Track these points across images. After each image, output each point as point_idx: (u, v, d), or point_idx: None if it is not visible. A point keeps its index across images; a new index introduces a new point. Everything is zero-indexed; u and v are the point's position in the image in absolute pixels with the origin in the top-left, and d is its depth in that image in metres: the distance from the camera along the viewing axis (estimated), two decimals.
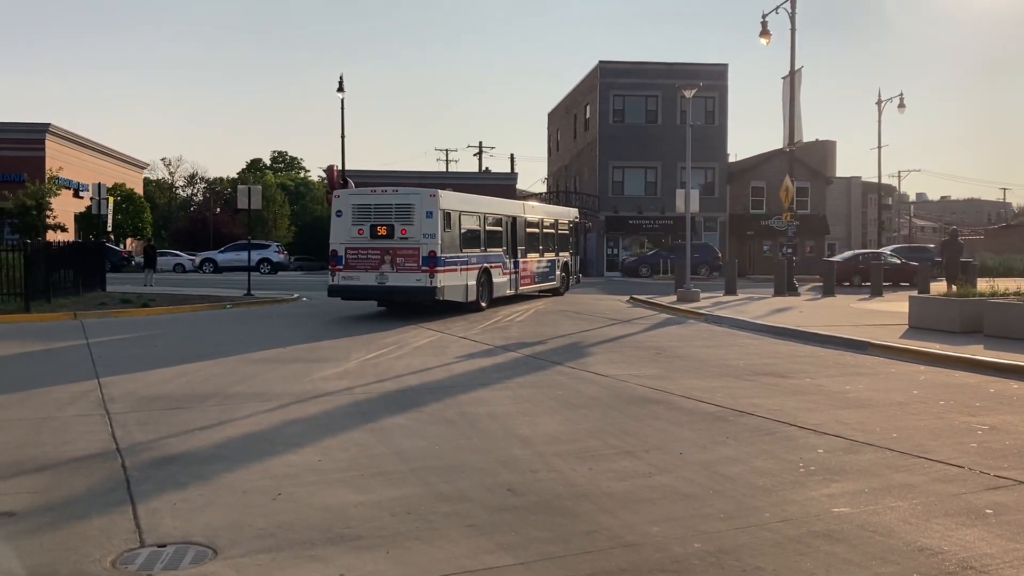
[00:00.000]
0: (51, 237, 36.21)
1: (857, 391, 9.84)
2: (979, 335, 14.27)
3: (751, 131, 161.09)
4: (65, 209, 43.41)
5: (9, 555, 4.60)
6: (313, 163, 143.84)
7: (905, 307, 17.22)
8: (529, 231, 24.08)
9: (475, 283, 20.06)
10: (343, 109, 37.27)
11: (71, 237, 39.95)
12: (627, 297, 25.92)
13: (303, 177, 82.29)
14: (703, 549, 4.69)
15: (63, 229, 40.22)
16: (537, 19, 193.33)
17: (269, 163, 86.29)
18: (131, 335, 15.61)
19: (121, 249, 46.35)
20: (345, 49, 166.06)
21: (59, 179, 43.62)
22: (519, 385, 10.22)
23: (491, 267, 21.06)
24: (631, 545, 4.76)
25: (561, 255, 26.87)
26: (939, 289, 22.62)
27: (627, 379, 10.60)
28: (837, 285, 29.82)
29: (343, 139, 37.66)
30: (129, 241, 51.74)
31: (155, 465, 6.49)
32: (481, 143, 77.94)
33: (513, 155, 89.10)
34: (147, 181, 70.39)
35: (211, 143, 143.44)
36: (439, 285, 18.18)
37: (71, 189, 46.00)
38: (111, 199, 37.98)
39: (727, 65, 50.07)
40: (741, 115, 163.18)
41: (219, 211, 61.32)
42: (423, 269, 18.10)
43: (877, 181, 53.48)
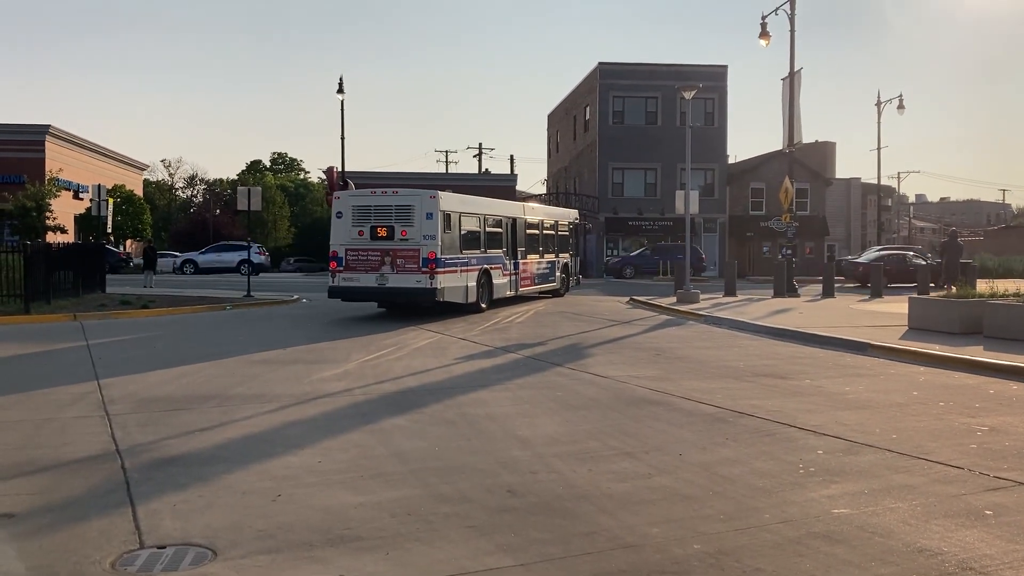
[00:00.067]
0: (51, 238, 36.28)
1: (857, 392, 9.84)
2: (979, 336, 14.27)
3: (751, 132, 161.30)
4: (65, 210, 43.43)
5: (9, 556, 4.60)
6: (313, 164, 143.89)
7: (905, 308, 17.23)
8: (529, 232, 24.09)
9: (475, 284, 20.06)
10: (343, 110, 37.33)
11: (71, 238, 39.96)
12: (627, 298, 25.91)
13: (303, 178, 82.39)
14: (703, 550, 4.69)
15: (63, 231, 40.27)
16: (537, 19, 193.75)
17: (269, 164, 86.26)
18: (131, 336, 15.61)
19: (120, 251, 46.28)
20: (345, 50, 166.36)
21: (59, 180, 43.64)
22: (519, 386, 10.23)
23: (491, 268, 21.07)
24: (631, 546, 4.77)
25: (561, 256, 26.87)
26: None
27: (627, 380, 10.60)
28: (860, 286, 29.59)
29: (343, 140, 37.69)
30: (129, 242, 51.72)
31: (155, 466, 6.49)
32: (481, 144, 77.90)
33: (513, 156, 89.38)
34: (147, 182, 70.40)
35: (211, 144, 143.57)
36: (439, 286, 18.18)
37: (71, 190, 46.00)
38: (111, 200, 38.03)
39: (727, 66, 50.17)
40: (741, 116, 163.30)
41: (219, 212, 61.37)
42: (423, 270, 18.10)
43: (877, 182, 53.48)
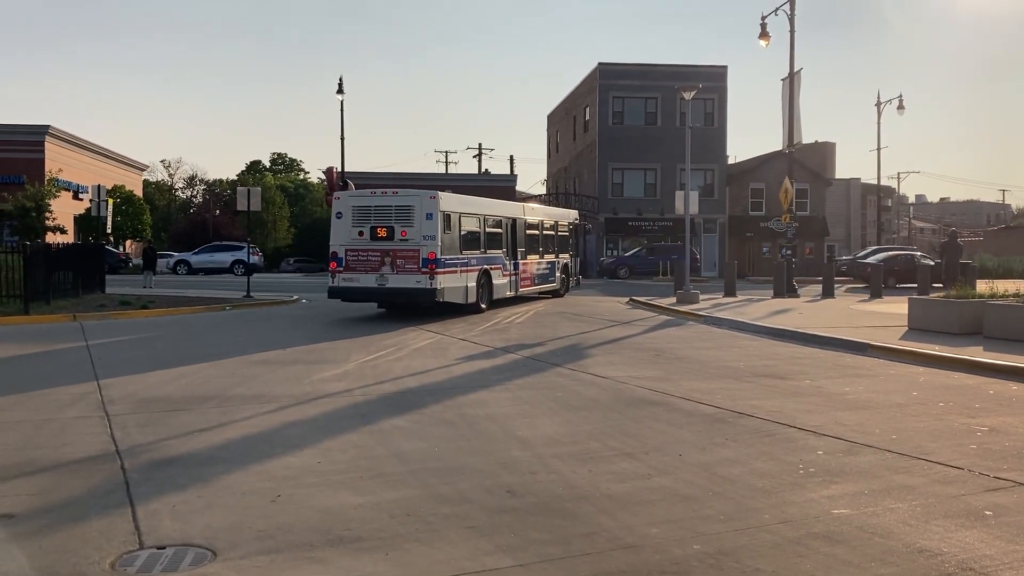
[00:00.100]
0: (50, 239, 36.23)
1: (857, 393, 9.84)
2: (978, 336, 14.28)
3: (750, 133, 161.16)
4: (65, 211, 43.42)
5: (8, 557, 4.60)
6: (313, 165, 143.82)
7: (904, 309, 17.23)
8: (529, 233, 24.08)
9: (475, 285, 20.05)
10: (342, 111, 37.44)
11: (71, 239, 39.94)
12: (626, 299, 25.90)
13: (303, 179, 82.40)
14: (702, 551, 4.69)
15: (63, 231, 40.24)
16: (537, 19, 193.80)
17: (268, 165, 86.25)
18: (131, 337, 15.60)
19: (119, 251, 46.25)
20: (345, 51, 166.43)
21: (59, 181, 43.61)
22: (519, 387, 10.22)
23: (491, 269, 21.07)
24: (631, 547, 4.77)
25: (561, 257, 26.87)
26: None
27: (627, 381, 10.60)
28: (867, 286, 29.54)
29: (343, 141, 37.80)
30: (128, 243, 51.70)
31: (154, 467, 6.49)
32: (481, 145, 77.83)
33: (513, 157, 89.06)
34: (147, 183, 70.37)
35: (211, 145, 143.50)
36: (439, 287, 18.18)
37: (71, 191, 45.99)
38: (110, 201, 37.96)
39: (727, 67, 50.16)
40: (741, 117, 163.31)
41: (219, 213, 61.34)
42: (423, 271, 18.09)
43: (876, 183, 53.50)
